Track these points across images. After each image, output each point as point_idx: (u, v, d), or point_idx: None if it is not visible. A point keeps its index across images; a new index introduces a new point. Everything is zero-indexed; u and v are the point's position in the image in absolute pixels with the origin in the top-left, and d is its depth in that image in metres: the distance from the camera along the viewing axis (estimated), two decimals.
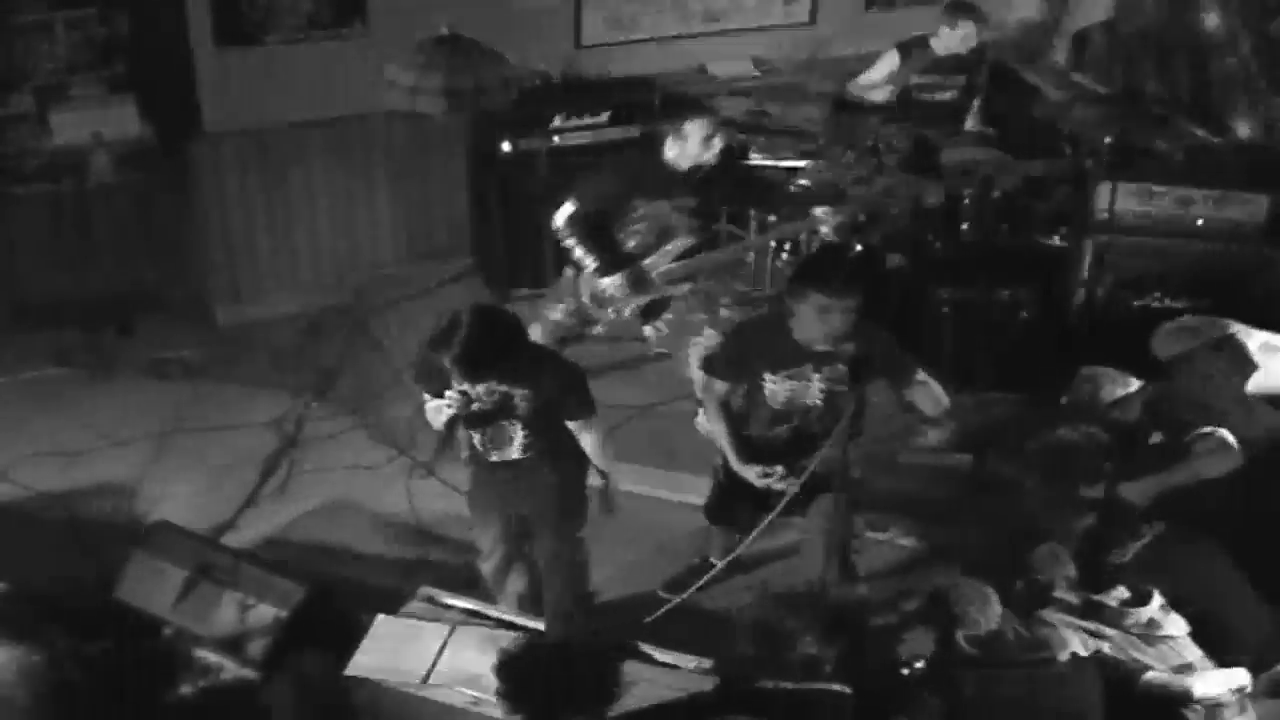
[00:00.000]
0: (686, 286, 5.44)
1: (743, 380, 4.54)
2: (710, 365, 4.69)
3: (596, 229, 5.23)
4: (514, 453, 4.38)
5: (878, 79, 6.90)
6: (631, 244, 5.33)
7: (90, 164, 6.31)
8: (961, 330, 6.07)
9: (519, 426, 4.30)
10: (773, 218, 6.61)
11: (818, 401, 4.40)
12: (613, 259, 5.26)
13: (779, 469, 4.45)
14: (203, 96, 6.29)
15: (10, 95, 6.10)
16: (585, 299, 5.40)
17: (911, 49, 6.78)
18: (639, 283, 5.32)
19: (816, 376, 4.35)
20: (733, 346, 4.77)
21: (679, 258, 5.38)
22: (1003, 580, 4.06)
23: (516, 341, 4.13)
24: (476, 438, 4.38)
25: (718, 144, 5.15)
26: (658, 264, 5.36)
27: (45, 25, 6.04)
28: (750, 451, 4.54)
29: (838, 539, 4.47)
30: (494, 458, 4.40)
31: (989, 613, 3.84)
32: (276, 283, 6.77)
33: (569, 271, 5.43)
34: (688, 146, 5.13)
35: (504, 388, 4.17)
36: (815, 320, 4.22)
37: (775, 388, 4.42)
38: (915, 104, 6.85)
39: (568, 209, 5.21)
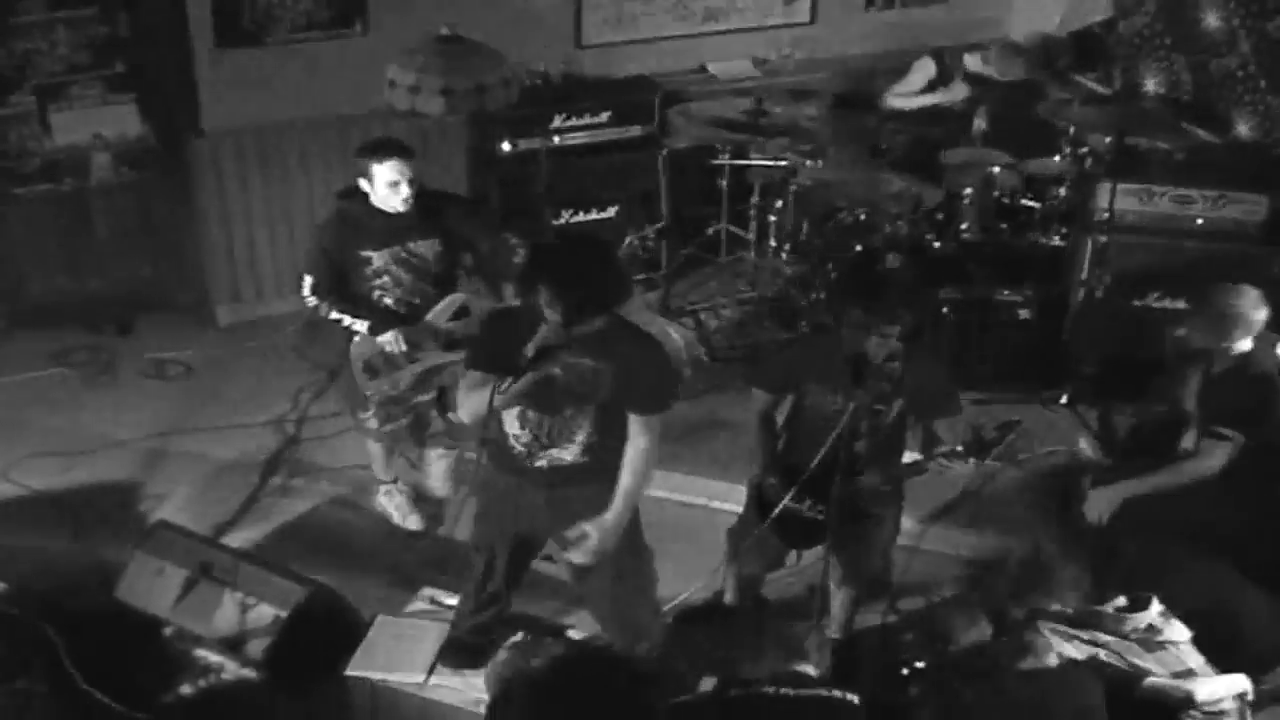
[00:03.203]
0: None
1: (786, 391, 4.43)
2: (756, 374, 4.64)
3: (347, 291, 4.88)
4: (569, 455, 4.01)
5: (912, 89, 6.92)
6: (387, 301, 4.92)
7: (90, 164, 6.31)
8: (961, 330, 6.07)
9: (587, 419, 3.95)
10: (772, 217, 6.66)
11: (858, 419, 4.18)
12: (383, 314, 4.88)
13: (808, 501, 4.26)
14: (203, 96, 6.29)
15: (10, 95, 6.10)
16: (359, 370, 4.98)
17: (949, 62, 6.83)
18: (419, 334, 4.93)
19: (859, 392, 4.14)
20: (782, 355, 4.76)
21: (455, 316, 5.01)
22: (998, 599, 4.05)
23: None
24: (523, 432, 4.00)
25: (405, 190, 4.77)
26: (434, 323, 4.99)
27: (45, 25, 6.04)
28: (786, 474, 4.33)
29: (869, 572, 4.46)
30: (540, 461, 4.03)
31: (976, 631, 3.85)
32: (276, 283, 6.77)
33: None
34: (376, 188, 4.78)
35: (589, 361, 3.82)
36: (855, 333, 4.14)
37: (818, 399, 4.28)
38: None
39: (308, 280, 4.85)
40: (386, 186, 4.78)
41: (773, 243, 6.70)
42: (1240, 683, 3.88)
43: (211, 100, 6.31)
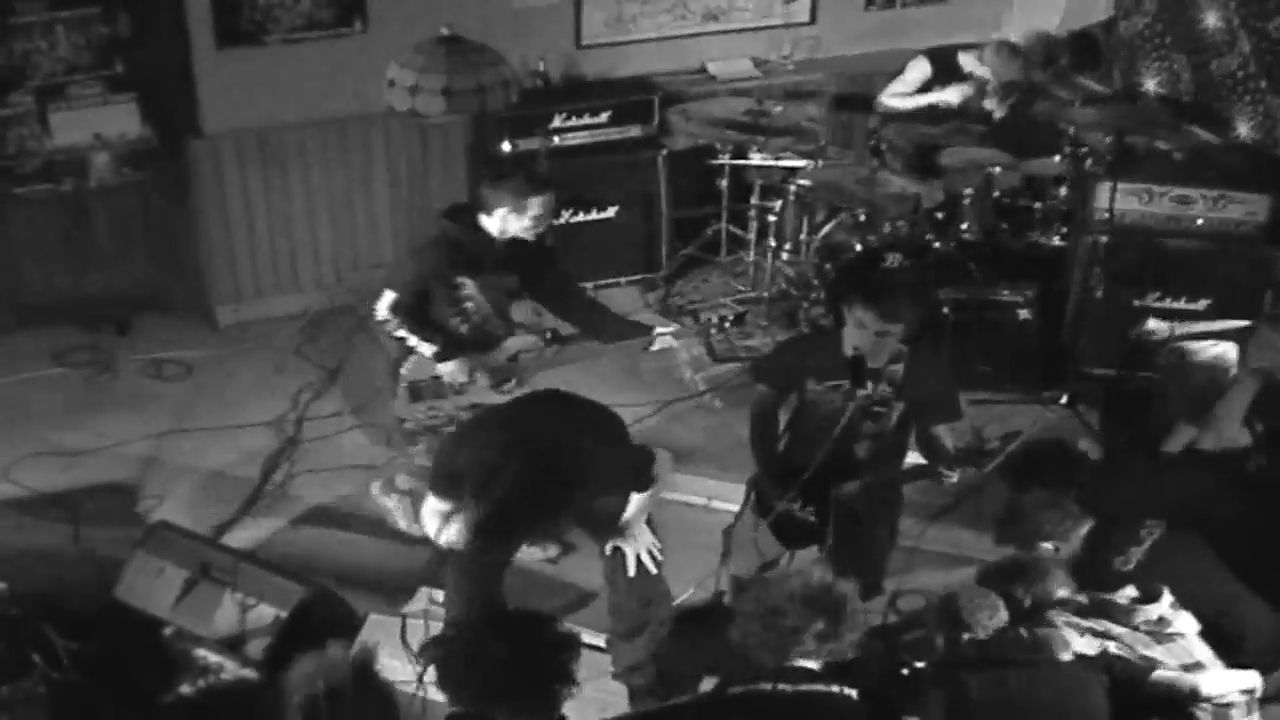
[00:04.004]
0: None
1: (789, 388, 4.42)
2: (758, 370, 4.64)
3: (424, 313, 4.90)
4: None
5: (907, 89, 6.92)
6: (464, 330, 4.98)
7: (90, 164, 6.31)
8: (961, 330, 6.07)
9: None
10: (772, 217, 6.66)
11: (857, 421, 4.19)
12: (449, 341, 4.91)
13: (802, 503, 4.26)
14: (203, 96, 6.29)
15: (10, 95, 6.10)
16: (402, 391, 4.98)
17: (944, 62, 6.82)
18: (479, 366, 4.96)
19: (860, 393, 4.15)
20: (785, 352, 4.79)
21: (512, 357, 5.05)
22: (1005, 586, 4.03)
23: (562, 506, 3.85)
24: None
25: (547, 222, 4.87)
26: (496, 360, 5.03)
27: (45, 25, 6.03)
28: (784, 473, 4.33)
29: (862, 576, 4.40)
30: None
31: (996, 620, 3.83)
32: (276, 283, 6.77)
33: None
34: (521, 219, 4.81)
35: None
36: (854, 332, 4.14)
37: (818, 398, 4.28)
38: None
39: (389, 296, 4.83)
40: (533, 219, 4.81)
41: (772, 243, 6.70)
42: (1249, 678, 3.88)
43: (211, 100, 6.31)
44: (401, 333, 4.87)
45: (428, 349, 4.88)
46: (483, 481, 3.68)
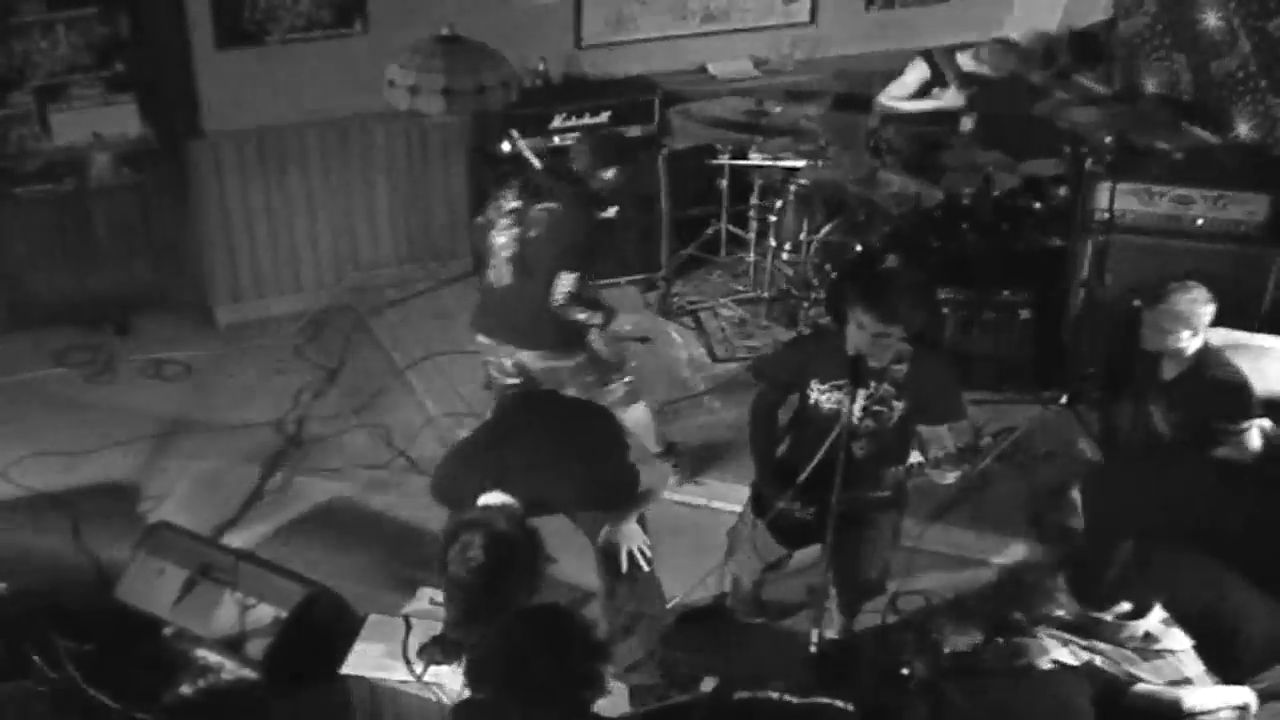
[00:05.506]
0: None
1: (791, 387, 4.41)
2: (760, 369, 4.65)
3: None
4: None
5: (906, 91, 6.92)
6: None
7: (90, 164, 6.31)
8: (961, 330, 6.07)
9: None
10: (774, 218, 6.66)
11: (857, 419, 4.15)
12: (610, 307, 5.20)
13: (800, 502, 4.25)
14: (203, 96, 6.30)
15: (10, 95, 6.10)
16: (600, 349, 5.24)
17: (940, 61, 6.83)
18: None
19: (862, 393, 4.13)
20: (788, 351, 4.80)
21: None
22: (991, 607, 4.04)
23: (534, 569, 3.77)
24: None
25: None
26: None
27: (45, 25, 6.03)
28: (782, 473, 4.32)
29: (862, 578, 4.44)
30: None
31: (966, 637, 3.83)
32: (276, 283, 6.77)
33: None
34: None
35: None
36: (855, 333, 4.13)
37: (820, 397, 4.27)
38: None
39: (570, 281, 4.93)
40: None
41: (773, 243, 6.70)
42: (1241, 694, 3.85)
43: (211, 100, 6.31)
44: (576, 313, 4.99)
45: (599, 319, 5.08)
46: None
